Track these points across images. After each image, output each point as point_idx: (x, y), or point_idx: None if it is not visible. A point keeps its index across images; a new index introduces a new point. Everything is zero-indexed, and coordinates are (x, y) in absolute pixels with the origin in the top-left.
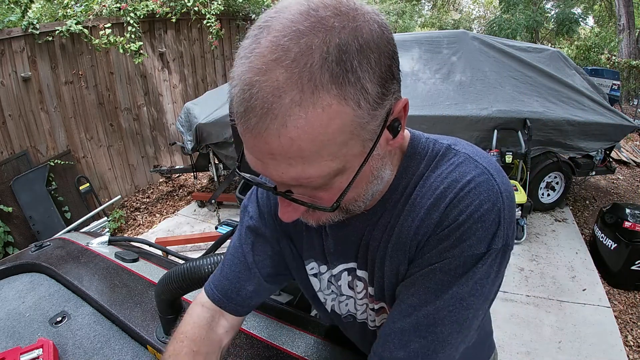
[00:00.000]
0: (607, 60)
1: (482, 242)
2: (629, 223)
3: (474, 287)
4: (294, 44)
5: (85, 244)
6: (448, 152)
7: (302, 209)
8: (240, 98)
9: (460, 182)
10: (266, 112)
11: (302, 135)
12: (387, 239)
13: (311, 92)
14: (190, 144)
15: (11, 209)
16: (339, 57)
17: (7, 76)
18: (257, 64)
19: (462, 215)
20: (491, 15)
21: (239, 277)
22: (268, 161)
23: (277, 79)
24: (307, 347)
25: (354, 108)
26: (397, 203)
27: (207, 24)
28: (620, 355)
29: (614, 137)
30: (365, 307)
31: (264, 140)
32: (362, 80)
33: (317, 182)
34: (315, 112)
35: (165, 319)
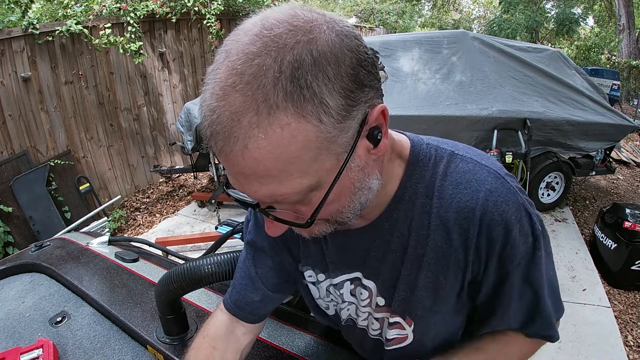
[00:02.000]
0: (607, 60)
1: (528, 235)
2: (629, 223)
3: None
4: (247, 67)
5: (85, 244)
6: (453, 159)
7: (285, 226)
8: (206, 122)
9: (482, 192)
10: (228, 136)
11: (266, 155)
12: (419, 252)
13: (267, 113)
14: (190, 144)
15: (11, 209)
16: (292, 74)
17: (7, 76)
18: (216, 90)
19: (501, 226)
20: (491, 15)
21: (245, 289)
22: (242, 180)
23: (233, 103)
24: (307, 347)
25: (315, 124)
26: (410, 213)
27: (207, 24)
28: (620, 355)
29: (614, 137)
30: (368, 315)
31: (232, 162)
32: (321, 95)
33: (292, 198)
34: (274, 132)
35: (165, 319)
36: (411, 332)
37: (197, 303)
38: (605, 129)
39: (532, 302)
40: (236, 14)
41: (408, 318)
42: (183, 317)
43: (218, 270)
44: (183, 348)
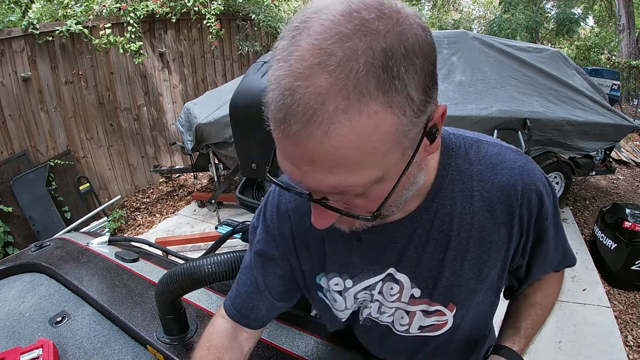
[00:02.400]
0: (607, 60)
1: (550, 197)
2: (629, 223)
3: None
4: (337, 48)
5: (85, 244)
6: (481, 144)
7: (334, 216)
8: (280, 103)
9: (517, 170)
10: (309, 119)
11: (346, 144)
12: (463, 236)
13: (357, 100)
14: (190, 144)
15: (11, 209)
16: (385, 63)
17: (7, 76)
18: (298, 68)
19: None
20: (491, 15)
21: (251, 297)
22: (307, 169)
23: (320, 84)
24: (307, 347)
25: (399, 116)
26: (451, 201)
27: (207, 24)
28: (620, 355)
29: (614, 137)
30: (395, 310)
31: (304, 148)
32: (408, 88)
33: (356, 190)
34: (360, 120)
35: (165, 319)
36: (452, 317)
37: (197, 303)
38: (605, 129)
39: (561, 244)
40: (236, 14)
41: (451, 304)
42: (183, 317)
43: (218, 270)
44: (183, 348)
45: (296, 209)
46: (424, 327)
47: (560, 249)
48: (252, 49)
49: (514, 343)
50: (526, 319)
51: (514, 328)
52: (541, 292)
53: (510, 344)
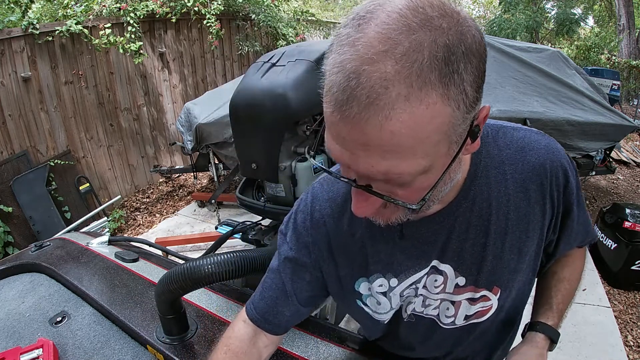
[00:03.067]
0: (607, 60)
1: (574, 169)
2: (629, 223)
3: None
4: (404, 38)
5: (85, 244)
6: (506, 130)
7: (377, 204)
8: (344, 86)
9: (543, 150)
10: (371, 103)
11: (403, 130)
12: (501, 218)
13: (419, 88)
14: (190, 144)
15: (11, 209)
16: (447, 57)
17: (7, 76)
18: (365, 53)
19: (562, 172)
20: (491, 15)
21: (276, 302)
22: (359, 152)
23: (386, 70)
24: (307, 347)
25: (454, 109)
26: (487, 187)
27: (207, 24)
28: (620, 355)
29: (614, 137)
30: (440, 301)
31: (361, 131)
32: (465, 83)
33: (404, 179)
34: (419, 109)
35: (165, 319)
36: (496, 300)
37: (197, 303)
38: (605, 129)
39: (584, 219)
40: (236, 14)
41: (495, 287)
42: (183, 317)
43: (218, 270)
44: (183, 348)
45: (332, 215)
46: (469, 316)
47: (583, 224)
48: (252, 49)
49: (548, 318)
50: (557, 295)
51: (547, 304)
52: (568, 268)
53: (544, 319)
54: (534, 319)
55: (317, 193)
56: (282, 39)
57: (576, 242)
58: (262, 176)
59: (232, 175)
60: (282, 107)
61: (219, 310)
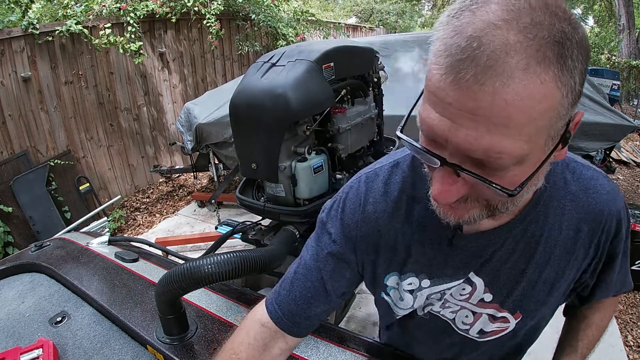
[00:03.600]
0: (607, 60)
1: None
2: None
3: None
4: (526, 14)
5: (85, 244)
6: (576, 165)
7: (462, 191)
8: (463, 45)
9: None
10: (490, 66)
11: (517, 102)
12: (547, 251)
13: (538, 62)
14: (190, 144)
15: (11, 209)
16: (562, 41)
17: (7, 76)
18: (487, 18)
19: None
20: None
21: (310, 302)
22: (464, 122)
23: (509, 37)
24: (307, 347)
25: (563, 94)
26: (544, 217)
27: (207, 24)
28: (620, 355)
29: (614, 137)
30: (460, 308)
31: (472, 96)
32: (574, 72)
33: (503, 161)
34: (535, 83)
35: (165, 319)
36: (514, 324)
37: (197, 303)
38: (605, 129)
39: (625, 269)
40: (236, 14)
41: (518, 312)
42: (183, 317)
43: (218, 270)
44: (183, 348)
45: (386, 210)
46: (485, 332)
47: (623, 274)
48: (252, 49)
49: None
50: (583, 339)
51: (571, 347)
52: (599, 314)
53: None
54: (557, 358)
55: (372, 185)
56: (282, 39)
57: (613, 290)
58: (262, 176)
59: (232, 175)
60: (282, 107)
61: (219, 310)
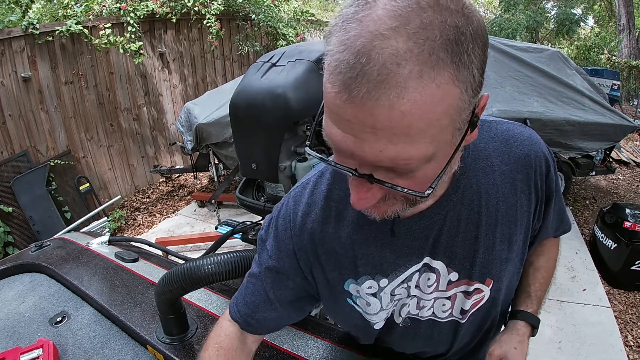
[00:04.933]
0: (607, 60)
1: (553, 160)
2: (629, 223)
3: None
4: (415, 16)
5: (85, 244)
6: (491, 124)
7: (378, 195)
8: (352, 63)
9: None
10: (382, 80)
11: (414, 111)
12: (491, 210)
13: (431, 67)
14: (190, 144)
15: (11, 209)
16: (457, 38)
17: (7, 76)
18: (374, 29)
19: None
20: (491, 15)
21: (258, 308)
22: (366, 137)
23: (399, 46)
24: (307, 347)
25: (462, 92)
26: (475, 179)
27: (207, 24)
28: (620, 355)
29: (614, 137)
30: (434, 300)
31: (369, 112)
32: (472, 66)
33: (411, 165)
34: (431, 88)
35: (165, 319)
36: (489, 290)
37: (197, 303)
38: (605, 129)
39: (560, 208)
40: (236, 14)
41: (488, 278)
42: (183, 317)
43: (218, 270)
44: (183, 348)
45: (316, 219)
46: (466, 310)
47: (559, 213)
48: (252, 49)
49: (527, 306)
50: (534, 283)
51: (525, 292)
52: (543, 257)
53: (524, 307)
54: (514, 308)
55: (299, 197)
56: (282, 39)
57: (552, 230)
58: (262, 176)
59: (232, 175)
60: (282, 107)
61: (219, 310)
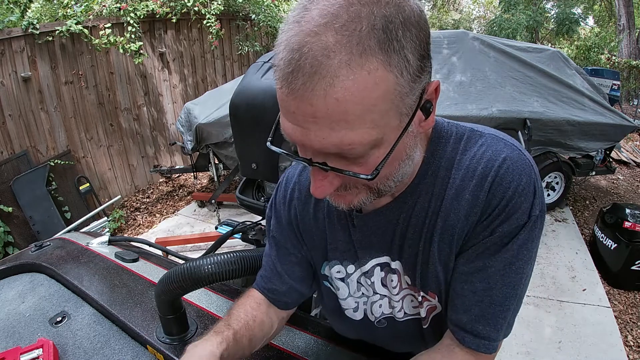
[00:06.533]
0: (607, 60)
1: (525, 213)
2: (629, 223)
3: (520, 251)
4: (343, 12)
5: (85, 244)
6: (473, 135)
7: (336, 183)
8: (289, 59)
9: (497, 161)
10: (315, 72)
11: (348, 97)
12: (432, 224)
13: (359, 55)
14: (190, 144)
15: (11, 209)
16: (385, 26)
17: (7, 76)
18: (307, 27)
19: (508, 192)
20: (491, 15)
21: (270, 280)
22: (309, 126)
23: (327, 40)
24: (307, 347)
25: (397, 76)
26: (432, 187)
27: (207, 24)
28: (620, 355)
29: (614, 137)
30: (402, 301)
31: (308, 102)
32: (405, 50)
33: (357, 150)
34: (362, 75)
35: (165, 319)
36: (437, 303)
37: (197, 303)
38: (605, 129)
39: (494, 293)
40: (236, 14)
41: (430, 292)
42: (183, 317)
43: (218, 270)
44: (183, 348)
45: (299, 198)
46: (424, 317)
47: (490, 298)
48: (252, 49)
49: None
50: None
51: None
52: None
53: None
54: None
55: (290, 176)
56: None
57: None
58: (262, 176)
59: (232, 175)
60: None
61: (219, 310)
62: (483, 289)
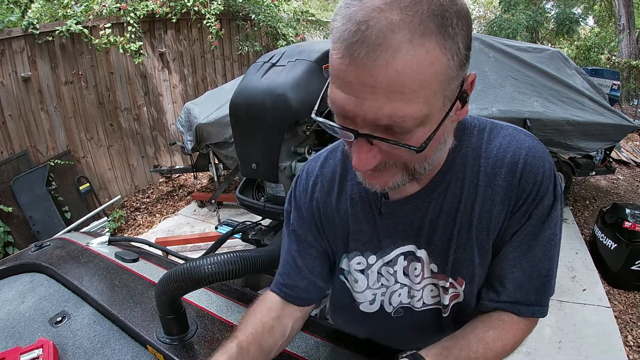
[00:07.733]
0: (607, 60)
1: (551, 193)
2: (629, 223)
3: (554, 227)
4: None
5: (85, 244)
6: (495, 127)
7: (379, 157)
8: (354, 30)
9: (523, 149)
10: (379, 44)
11: (407, 71)
12: (467, 210)
13: (420, 34)
14: (190, 144)
15: (11, 209)
16: (442, 13)
17: (7, 76)
18: (372, 4)
19: (538, 178)
20: (491, 15)
21: (289, 276)
22: (366, 95)
23: (392, 17)
24: (307, 347)
25: (449, 59)
26: (462, 174)
27: (207, 24)
28: (620, 355)
29: (614, 137)
30: (422, 290)
31: (368, 72)
32: (457, 37)
33: (407, 124)
34: (421, 52)
35: (165, 319)
36: (462, 291)
37: (197, 303)
38: (605, 129)
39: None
40: (236, 14)
41: (459, 278)
42: (183, 317)
43: (218, 270)
44: (183, 348)
45: (322, 189)
46: (446, 306)
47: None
48: (252, 49)
49: None
50: (462, 350)
51: (445, 350)
52: (494, 332)
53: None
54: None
55: (310, 169)
56: (282, 39)
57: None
58: (262, 176)
59: (232, 175)
60: (282, 107)
61: (219, 310)
62: (530, 267)
